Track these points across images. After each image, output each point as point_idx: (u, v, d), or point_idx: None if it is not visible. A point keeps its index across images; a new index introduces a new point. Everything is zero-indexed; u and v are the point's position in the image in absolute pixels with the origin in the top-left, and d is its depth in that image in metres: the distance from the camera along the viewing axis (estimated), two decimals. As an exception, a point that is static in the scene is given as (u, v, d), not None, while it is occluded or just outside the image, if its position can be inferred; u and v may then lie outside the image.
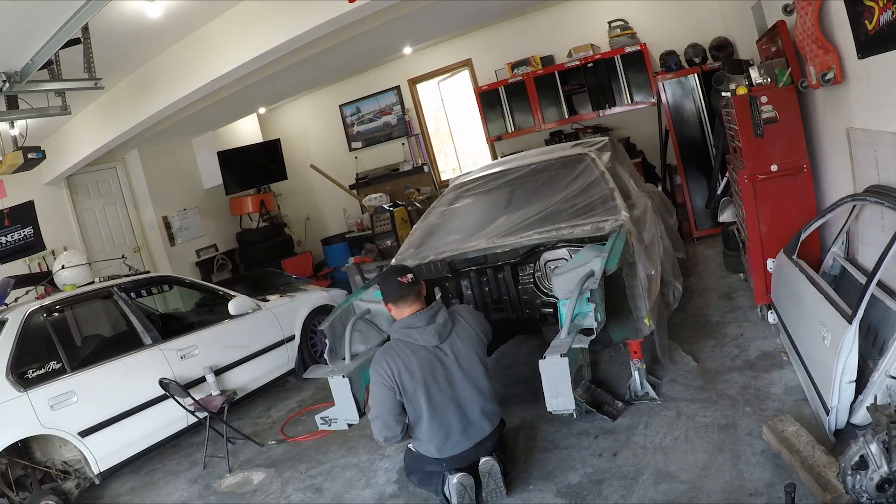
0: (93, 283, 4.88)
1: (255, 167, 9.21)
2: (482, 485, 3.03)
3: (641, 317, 3.51)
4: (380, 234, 8.34)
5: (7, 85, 4.17)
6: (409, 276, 3.07)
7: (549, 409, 2.89)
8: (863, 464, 2.14)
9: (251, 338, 5.15)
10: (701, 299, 5.01)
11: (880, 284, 2.74)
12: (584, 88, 7.49)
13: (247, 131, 9.81)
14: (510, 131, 8.02)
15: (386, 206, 8.45)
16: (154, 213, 8.29)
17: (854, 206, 3.33)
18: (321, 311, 5.66)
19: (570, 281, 3.13)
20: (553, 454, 3.34)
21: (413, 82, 9.18)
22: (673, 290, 4.57)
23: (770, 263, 3.88)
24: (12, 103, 4.54)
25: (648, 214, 4.39)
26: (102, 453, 4.11)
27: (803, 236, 3.62)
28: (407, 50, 8.22)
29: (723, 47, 6.43)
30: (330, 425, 3.48)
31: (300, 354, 5.48)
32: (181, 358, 4.63)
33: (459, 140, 9.41)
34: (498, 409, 3.17)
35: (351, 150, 9.73)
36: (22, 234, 6.92)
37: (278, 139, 9.65)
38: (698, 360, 3.94)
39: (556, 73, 7.58)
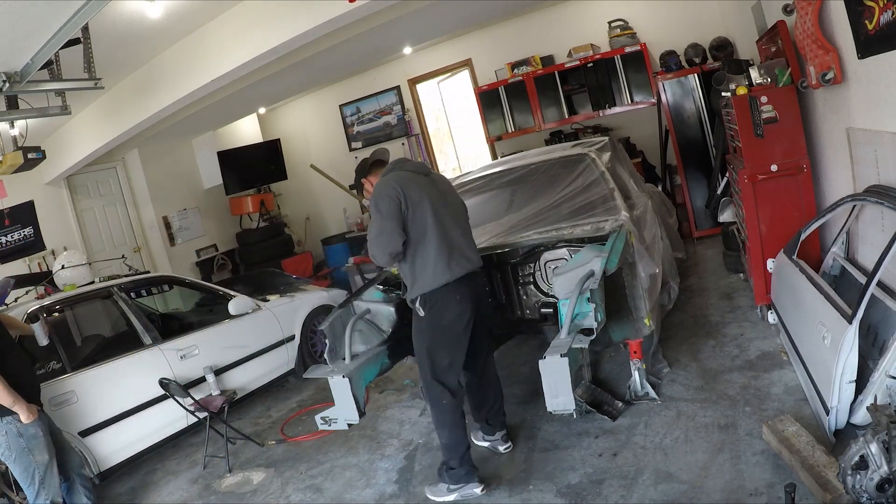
0: (93, 283, 4.88)
1: (255, 167, 9.21)
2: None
3: (641, 317, 3.51)
4: (380, 234, 8.32)
5: (7, 85, 4.16)
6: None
7: (549, 409, 2.89)
8: (863, 464, 2.14)
9: (251, 338, 5.14)
10: (701, 299, 5.01)
11: (880, 284, 2.74)
12: (584, 88, 7.49)
13: (247, 131, 9.81)
14: (510, 131, 8.01)
15: (386, 206, 8.44)
16: (154, 213, 8.29)
17: (854, 206, 3.33)
18: (321, 311, 5.66)
19: (570, 281, 3.13)
20: (553, 454, 3.34)
21: (413, 82, 9.18)
22: (669, 291, 4.58)
23: (770, 263, 3.88)
24: (12, 103, 4.53)
25: (649, 214, 4.40)
26: (102, 453, 4.11)
27: (803, 236, 3.62)
28: (407, 50, 8.22)
29: (723, 47, 6.43)
30: (330, 425, 3.47)
31: (300, 354, 5.47)
32: (181, 358, 4.63)
33: (459, 140, 9.41)
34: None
35: (351, 150, 9.73)
36: (22, 234, 6.92)
37: (278, 139, 9.65)
38: (697, 361, 3.94)
39: (556, 73, 7.57)
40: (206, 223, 8.93)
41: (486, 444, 3.57)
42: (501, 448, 3.50)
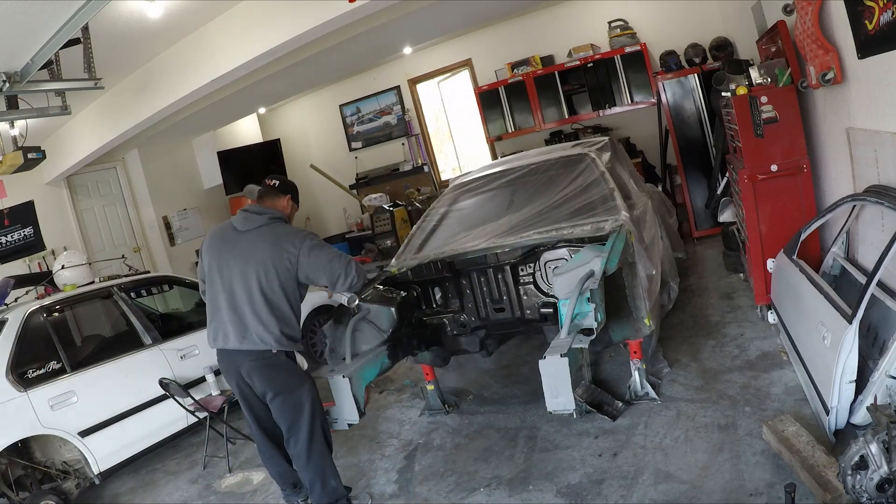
0: (93, 283, 4.88)
1: (255, 167, 9.19)
2: None
3: (641, 317, 3.50)
4: (380, 234, 8.34)
5: (7, 85, 4.16)
6: (274, 181, 3.46)
7: (549, 409, 2.89)
8: (863, 464, 2.14)
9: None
10: (701, 299, 5.01)
11: (880, 284, 2.74)
12: (584, 88, 7.50)
13: (247, 131, 9.81)
14: (510, 131, 8.02)
15: (386, 206, 8.46)
16: (154, 213, 8.30)
17: (854, 206, 3.33)
18: (321, 311, 5.66)
19: (570, 281, 3.12)
20: (553, 454, 3.34)
21: (413, 82, 9.18)
22: (669, 291, 4.57)
23: (770, 263, 3.88)
24: (12, 103, 4.53)
25: (648, 214, 4.39)
26: (102, 453, 4.12)
27: (803, 236, 3.62)
28: (407, 50, 8.23)
29: (723, 47, 6.43)
30: (330, 425, 3.47)
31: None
32: (181, 358, 4.63)
33: (459, 140, 9.41)
34: (276, 339, 3.01)
35: (351, 150, 9.73)
36: (22, 234, 6.92)
37: (278, 139, 9.65)
38: (698, 361, 3.94)
39: (556, 73, 7.58)
40: (206, 223, 8.92)
41: None
42: None
